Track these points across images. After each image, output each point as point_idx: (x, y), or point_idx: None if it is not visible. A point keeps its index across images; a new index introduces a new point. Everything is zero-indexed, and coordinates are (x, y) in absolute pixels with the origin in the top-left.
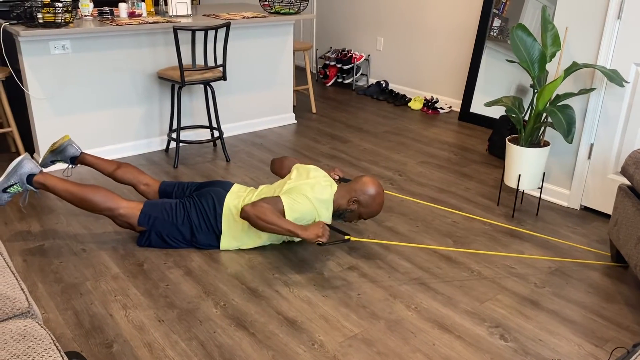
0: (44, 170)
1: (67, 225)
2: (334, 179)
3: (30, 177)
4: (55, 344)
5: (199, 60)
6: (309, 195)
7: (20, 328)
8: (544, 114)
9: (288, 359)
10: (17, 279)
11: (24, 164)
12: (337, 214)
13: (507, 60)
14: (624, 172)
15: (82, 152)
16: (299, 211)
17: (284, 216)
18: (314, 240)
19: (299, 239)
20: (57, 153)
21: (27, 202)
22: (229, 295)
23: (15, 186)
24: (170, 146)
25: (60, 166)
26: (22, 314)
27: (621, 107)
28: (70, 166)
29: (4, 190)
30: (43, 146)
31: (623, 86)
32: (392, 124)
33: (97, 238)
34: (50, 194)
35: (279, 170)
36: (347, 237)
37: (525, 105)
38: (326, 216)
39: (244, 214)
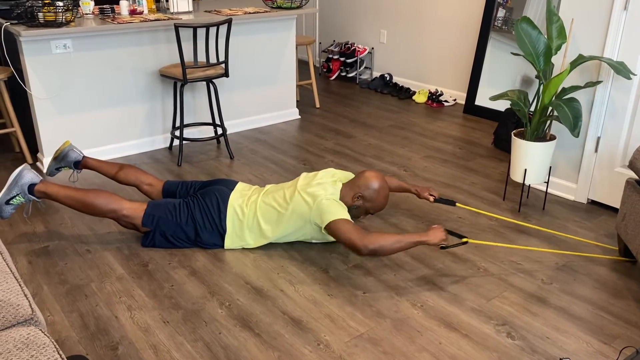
0: (51, 178)
1: (71, 226)
2: (429, 201)
3: (31, 187)
4: (58, 352)
5: (201, 57)
6: (328, 196)
7: (23, 336)
8: (550, 108)
9: (294, 359)
10: (20, 285)
11: (24, 175)
12: None
13: (512, 53)
14: (631, 166)
15: (84, 156)
16: (340, 209)
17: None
18: (439, 243)
19: (302, 239)
20: (60, 160)
21: (31, 205)
22: (234, 295)
23: (17, 197)
24: (174, 144)
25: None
26: (26, 321)
27: (628, 99)
28: (75, 171)
29: (7, 203)
30: (46, 146)
31: (630, 78)
32: (396, 118)
33: (101, 239)
34: None
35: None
36: (464, 239)
37: (531, 96)
38: None
39: (361, 253)
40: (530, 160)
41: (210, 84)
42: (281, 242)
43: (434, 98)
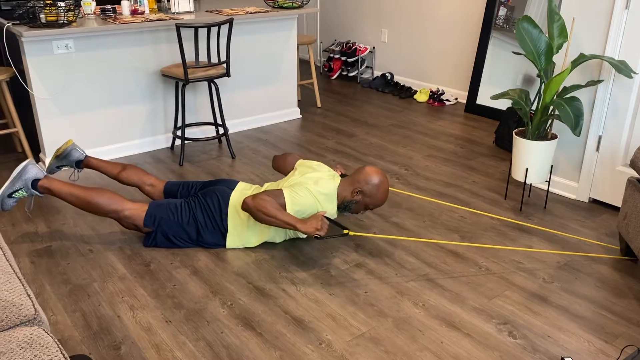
0: (52, 176)
1: (74, 225)
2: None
3: (35, 182)
4: (61, 352)
5: (203, 57)
6: (311, 189)
7: (26, 336)
8: (551, 107)
9: (296, 359)
10: (23, 285)
11: (29, 169)
12: (343, 206)
13: (513, 52)
14: (633, 165)
15: (86, 156)
16: (300, 204)
17: (285, 209)
18: (313, 233)
19: (303, 235)
20: (62, 158)
21: (33, 205)
22: (236, 295)
23: (20, 191)
24: (176, 144)
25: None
26: (29, 321)
27: (630, 98)
28: (76, 170)
29: (9, 196)
30: (49, 146)
31: (631, 77)
32: (397, 117)
33: (103, 238)
34: None
35: (281, 167)
36: (345, 231)
37: (532, 94)
38: (331, 210)
39: (245, 206)
40: (531, 159)
41: (212, 84)
42: (283, 240)
43: (435, 97)
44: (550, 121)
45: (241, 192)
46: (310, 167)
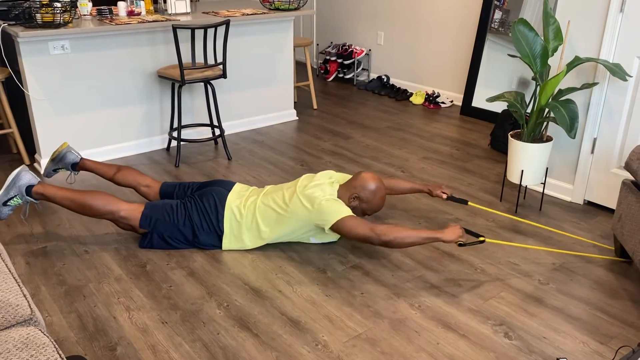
0: (48, 180)
1: (69, 227)
2: (442, 198)
3: (29, 189)
4: (58, 352)
5: (199, 58)
6: (326, 197)
7: (23, 336)
8: (547, 109)
9: (292, 359)
10: (19, 285)
11: (22, 176)
12: None
13: (509, 55)
14: (627, 167)
15: (81, 158)
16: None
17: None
18: (457, 240)
19: (300, 239)
20: (58, 161)
21: (28, 210)
22: (232, 296)
23: (15, 199)
24: (172, 145)
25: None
26: (25, 321)
27: (624, 101)
28: (73, 173)
29: (4, 204)
30: (44, 147)
31: (626, 80)
32: (393, 119)
33: (99, 239)
34: None
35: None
36: (481, 238)
37: (528, 97)
38: None
39: (381, 240)
40: (527, 162)
41: (208, 85)
42: (278, 242)
43: (431, 99)
44: (545, 123)
45: (238, 193)
46: (311, 176)
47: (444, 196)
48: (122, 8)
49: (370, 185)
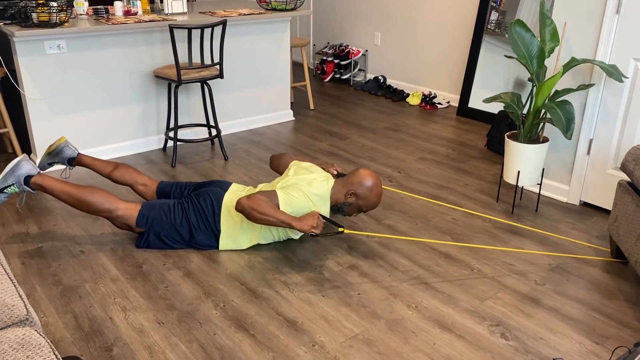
0: (42, 172)
1: (65, 226)
2: (332, 174)
3: (27, 179)
4: (54, 353)
5: (196, 58)
6: (305, 190)
7: (19, 337)
8: (543, 110)
9: None
10: (15, 286)
11: (22, 165)
12: (336, 208)
13: (505, 56)
14: (623, 168)
15: (79, 153)
16: (293, 205)
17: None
18: (308, 230)
19: (296, 236)
20: (54, 155)
21: (24, 204)
22: (229, 296)
23: (12, 187)
24: (168, 145)
25: (57, 168)
26: (21, 321)
27: (620, 102)
28: (67, 168)
29: (1, 191)
30: (40, 146)
31: (622, 81)
32: (390, 120)
33: (95, 239)
34: (48, 195)
35: (277, 167)
36: (340, 229)
37: (524, 98)
38: (324, 211)
39: (239, 206)
40: (523, 162)
41: (205, 85)
42: (275, 242)
43: (428, 100)
44: (541, 124)
45: (234, 193)
46: (305, 168)
47: (335, 172)
48: (118, 8)
49: (367, 182)
